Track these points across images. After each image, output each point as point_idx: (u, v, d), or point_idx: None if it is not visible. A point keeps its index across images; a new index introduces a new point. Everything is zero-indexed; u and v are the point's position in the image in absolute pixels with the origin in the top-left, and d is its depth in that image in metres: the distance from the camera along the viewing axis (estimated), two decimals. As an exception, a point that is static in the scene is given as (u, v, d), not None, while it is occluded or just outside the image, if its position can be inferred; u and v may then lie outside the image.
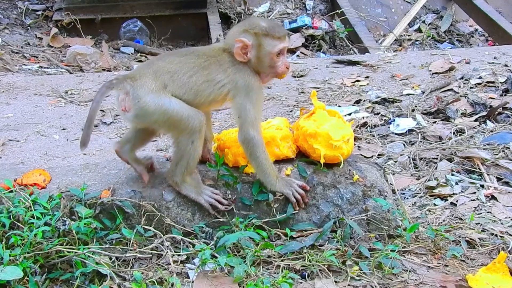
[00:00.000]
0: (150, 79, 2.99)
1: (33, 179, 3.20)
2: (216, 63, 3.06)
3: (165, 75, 3.01)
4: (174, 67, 3.03)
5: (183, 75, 3.02)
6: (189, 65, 3.04)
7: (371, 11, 10.41)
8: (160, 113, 2.97)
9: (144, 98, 2.96)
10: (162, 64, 3.06)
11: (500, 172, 4.00)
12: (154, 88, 2.97)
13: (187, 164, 3.05)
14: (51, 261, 2.82)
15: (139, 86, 2.98)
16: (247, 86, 3.03)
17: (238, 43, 3.02)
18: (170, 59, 3.09)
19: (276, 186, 3.11)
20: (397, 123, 4.86)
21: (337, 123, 3.23)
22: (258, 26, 3.05)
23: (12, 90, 6.23)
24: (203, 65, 3.04)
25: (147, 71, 3.04)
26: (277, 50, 3.05)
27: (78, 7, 9.61)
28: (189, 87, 3.01)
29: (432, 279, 2.92)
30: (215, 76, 3.03)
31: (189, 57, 3.08)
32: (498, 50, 6.81)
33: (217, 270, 2.84)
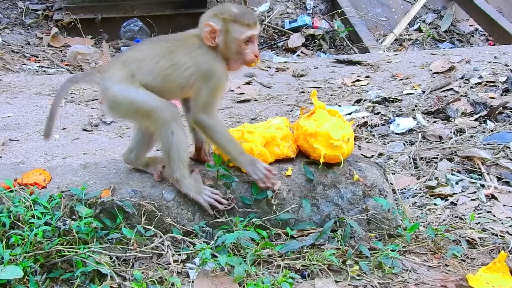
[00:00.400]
0: (117, 69, 3.00)
1: (34, 179, 3.20)
2: (183, 46, 3.04)
3: (132, 64, 3.00)
4: (142, 54, 3.03)
5: (150, 61, 3.01)
6: (156, 50, 3.03)
7: (372, 10, 10.41)
8: (127, 103, 2.97)
9: (111, 89, 2.97)
10: (130, 54, 3.07)
11: (500, 171, 4.00)
12: (121, 78, 2.97)
13: (178, 157, 3.03)
14: (52, 261, 2.82)
15: (107, 77, 2.99)
16: (210, 70, 3.01)
17: (207, 27, 3.00)
18: (139, 47, 3.10)
19: (240, 161, 3.09)
20: (397, 123, 4.86)
21: (338, 122, 3.23)
22: (228, 11, 3.03)
23: (12, 90, 6.23)
24: (170, 49, 3.03)
25: (116, 62, 3.06)
26: (245, 37, 3.02)
27: (78, 7, 9.61)
28: (157, 73, 3.00)
29: (432, 279, 2.92)
30: (180, 59, 3.01)
31: (157, 43, 3.08)
32: (498, 49, 6.81)
33: (217, 269, 2.84)
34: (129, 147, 3.28)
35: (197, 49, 3.04)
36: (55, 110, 3.04)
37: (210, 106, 3.02)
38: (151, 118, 2.98)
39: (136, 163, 3.26)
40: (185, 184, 3.09)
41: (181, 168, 3.06)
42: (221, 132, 3.06)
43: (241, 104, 5.67)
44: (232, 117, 5.31)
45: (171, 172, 3.08)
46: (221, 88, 3.06)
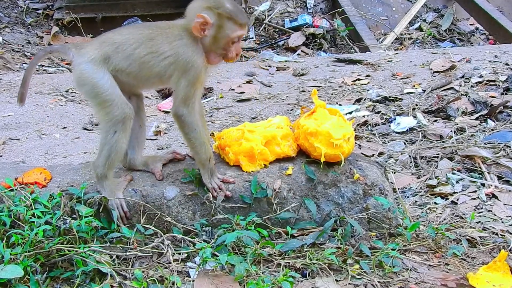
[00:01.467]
0: (93, 49, 2.99)
1: (34, 178, 3.20)
2: (164, 34, 3.01)
3: (110, 46, 2.99)
4: (122, 38, 3.00)
5: (128, 46, 2.98)
6: (136, 36, 3.00)
7: (372, 9, 10.40)
8: (90, 85, 2.96)
9: (81, 66, 2.97)
10: (110, 35, 3.05)
11: (501, 170, 3.99)
12: (94, 57, 2.96)
13: (108, 156, 3.01)
14: (52, 260, 2.82)
15: (81, 54, 2.98)
16: (189, 62, 2.97)
17: (199, 18, 2.95)
18: (121, 31, 3.08)
19: (202, 166, 3.09)
20: (398, 122, 4.86)
21: (338, 121, 3.23)
22: (223, 7, 2.97)
23: (12, 89, 6.23)
24: (150, 36, 3.00)
25: (95, 41, 3.04)
26: (236, 36, 3.00)
27: (79, 6, 9.61)
28: (133, 59, 2.98)
29: (433, 278, 2.92)
30: (159, 47, 2.98)
31: (139, 29, 3.06)
32: (499, 48, 6.81)
33: (217, 268, 2.84)
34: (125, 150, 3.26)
35: (178, 39, 2.99)
36: (28, 76, 3.04)
37: (190, 99, 2.98)
38: (104, 109, 2.96)
39: (134, 165, 3.26)
40: (101, 183, 3.06)
41: (106, 167, 3.03)
42: (197, 132, 3.04)
43: (242, 103, 5.67)
44: (232, 116, 5.31)
45: (97, 166, 3.05)
46: (200, 80, 3.02)
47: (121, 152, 3.04)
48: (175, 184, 3.17)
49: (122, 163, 3.27)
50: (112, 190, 3.06)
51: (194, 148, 3.07)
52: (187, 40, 2.99)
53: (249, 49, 9.19)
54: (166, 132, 4.99)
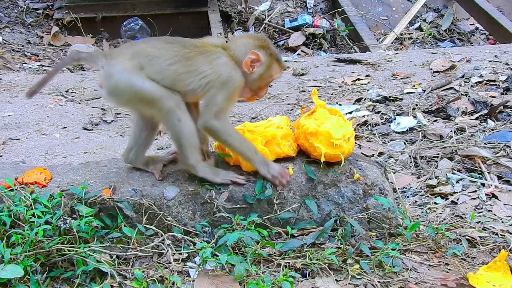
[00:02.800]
0: (125, 59, 2.98)
1: (34, 178, 3.20)
2: (203, 54, 3.04)
3: (144, 58, 2.99)
4: (156, 51, 3.01)
5: (163, 61, 2.99)
6: (172, 52, 3.02)
7: (372, 9, 10.41)
8: (131, 92, 2.96)
9: (116, 76, 2.95)
10: (143, 46, 3.05)
11: (501, 170, 3.99)
12: (128, 67, 2.95)
13: (189, 143, 3.03)
14: (52, 260, 2.82)
15: (113, 64, 2.97)
16: (230, 81, 3.02)
17: (253, 55, 3.06)
18: (154, 43, 3.08)
19: (254, 161, 3.10)
20: (398, 122, 4.86)
21: (338, 121, 3.22)
22: (273, 49, 3.13)
23: (13, 89, 6.23)
24: (188, 55, 3.02)
25: (126, 51, 3.03)
26: (276, 78, 3.16)
27: (79, 6, 9.62)
28: (167, 75, 2.99)
29: (433, 278, 2.92)
30: (198, 67, 3.01)
31: (174, 45, 3.06)
32: (499, 48, 6.80)
33: (217, 268, 2.84)
34: (128, 146, 3.28)
35: (219, 60, 3.05)
36: (49, 78, 3.06)
37: (223, 112, 3.03)
38: (155, 106, 2.97)
39: (135, 162, 3.27)
40: (200, 168, 3.10)
41: (194, 153, 3.06)
42: (233, 135, 3.07)
43: (242, 103, 5.67)
44: (232, 116, 5.31)
45: (185, 158, 3.08)
46: (236, 96, 3.10)
47: (195, 132, 3.04)
48: (175, 184, 3.17)
49: (124, 157, 3.29)
50: (212, 169, 3.13)
51: (236, 150, 3.11)
52: (226, 59, 3.06)
53: (249, 49, 9.17)
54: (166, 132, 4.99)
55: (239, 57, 3.07)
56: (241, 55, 3.07)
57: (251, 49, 3.07)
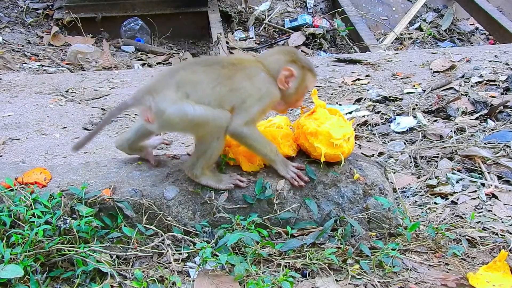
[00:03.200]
0: (171, 91, 2.98)
1: (34, 178, 3.20)
2: (243, 71, 3.09)
3: (188, 86, 3.01)
4: (197, 77, 3.04)
5: (206, 85, 3.02)
6: (212, 75, 3.05)
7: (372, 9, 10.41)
8: (185, 121, 2.98)
9: (168, 111, 2.95)
10: (184, 74, 3.06)
11: (501, 170, 3.99)
12: (177, 99, 2.97)
13: (209, 158, 3.09)
14: (52, 260, 2.82)
15: (161, 100, 2.97)
16: (268, 95, 3.09)
17: (286, 71, 3.11)
18: (194, 68, 3.09)
19: (275, 161, 3.15)
20: (398, 122, 4.86)
21: (338, 121, 3.22)
22: (304, 60, 3.18)
23: (12, 89, 6.23)
24: (228, 74, 3.06)
25: (170, 82, 3.03)
26: (311, 88, 3.21)
27: (79, 6, 9.62)
28: (213, 98, 3.01)
29: (433, 278, 2.92)
30: (239, 83, 3.06)
31: (213, 68, 3.08)
32: (499, 48, 6.80)
33: (217, 268, 2.84)
34: (126, 136, 3.33)
35: (258, 76, 3.10)
36: (99, 130, 3.16)
37: (254, 122, 3.08)
38: (207, 127, 3.00)
39: (128, 150, 3.33)
40: (204, 177, 3.14)
41: (204, 167, 3.11)
42: (258, 140, 3.09)
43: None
44: (232, 116, 5.31)
45: (192, 166, 3.12)
46: (269, 109, 3.17)
47: (221, 151, 3.14)
48: (175, 184, 3.17)
49: (117, 144, 3.35)
50: (215, 177, 3.16)
51: (259, 152, 3.14)
52: (265, 75, 3.12)
53: (249, 49, 9.19)
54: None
55: (273, 73, 3.13)
56: (275, 72, 3.13)
57: (283, 66, 3.12)
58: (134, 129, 3.32)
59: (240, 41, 9.43)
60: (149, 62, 8.66)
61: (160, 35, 9.63)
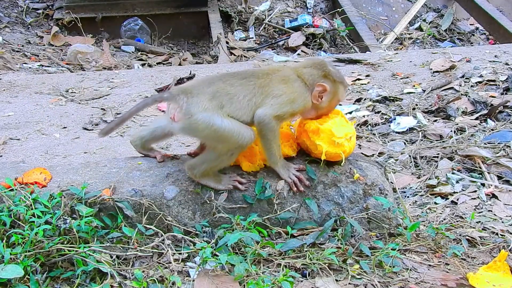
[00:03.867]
0: (206, 99, 3.02)
1: (34, 178, 3.20)
2: (277, 78, 3.14)
3: (224, 97, 3.05)
4: (234, 90, 3.08)
5: (243, 97, 3.06)
6: (248, 87, 3.10)
7: (372, 9, 10.41)
8: (210, 131, 3.00)
9: (196, 116, 2.98)
10: (222, 86, 3.09)
11: (501, 170, 3.99)
12: (209, 107, 3.00)
13: (214, 167, 3.13)
14: (52, 260, 2.82)
15: (194, 103, 3.00)
16: (300, 98, 3.12)
17: (319, 87, 3.15)
18: (232, 81, 3.12)
19: (277, 164, 3.16)
20: (398, 122, 4.86)
21: (340, 121, 3.23)
22: (336, 73, 3.21)
23: (13, 89, 6.23)
24: (263, 83, 3.11)
25: (206, 90, 3.07)
26: (344, 99, 3.26)
27: (79, 6, 9.62)
28: (249, 109, 3.07)
29: (433, 278, 2.92)
30: (274, 88, 3.10)
31: (249, 80, 3.13)
32: (499, 48, 6.80)
33: (217, 268, 2.84)
34: (142, 135, 3.37)
35: (294, 81, 3.15)
36: (127, 118, 3.19)
37: (281, 119, 3.12)
38: (228, 142, 3.03)
39: (140, 147, 3.37)
40: (204, 179, 3.16)
41: (205, 171, 3.13)
42: (276, 138, 3.12)
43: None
44: (232, 116, 5.31)
45: (194, 166, 3.13)
46: (298, 113, 3.19)
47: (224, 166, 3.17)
48: (175, 184, 3.17)
49: (132, 140, 3.39)
50: (215, 177, 3.16)
51: (270, 149, 3.14)
52: (301, 83, 3.16)
53: (249, 49, 9.19)
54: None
55: (308, 85, 3.17)
56: (309, 85, 3.17)
57: (317, 81, 3.16)
58: (151, 129, 3.35)
59: (240, 41, 9.43)
60: (149, 62, 8.66)
61: (160, 35, 9.63)
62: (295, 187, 3.17)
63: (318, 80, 3.16)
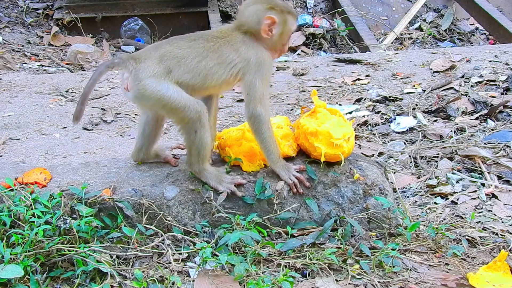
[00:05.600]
0: (154, 63, 2.99)
1: (34, 178, 3.20)
2: (227, 44, 3.07)
3: (171, 60, 3.01)
4: (182, 52, 3.03)
5: (191, 60, 3.02)
6: (198, 49, 3.04)
7: (372, 9, 10.41)
8: (156, 98, 2.97)
9: (144, 81, 2.96)
10: (169, 49, 3.05)
11: (501, 170, 3.99)
12: (156, 72, 2.97)
13: (198, 154, 3.08)
14: (52, 260, 2.82)
15: (142, 69, 2.98)
16: (260, 62, 3.06)
17: (267, 20, 3.07)
18: (179, 43, 3.08)
19: (277, 165, 3.15)
20: (398, 122, 4.86)
21: (338, 121, 3.22)
22: (281, 4, 3.13)
23: (13, 89, 6.23)
24: (213, 48, 3.05)
25: (153, 54, 3.03)
26: (295, 28, 3.17)
27: (79, 6, 9.62)
28: (197, 72, 3.02)
29: (433, 278, 2.92)
30: (226, 57, 3.04)
31: (198, 42, 3.08)
32: (499, 48, 6.80)
33: (217, 268, 2.84)
34: (137, 147, 3.32)
35: (242, 44, 3.08)
36: (88, 93, 3.10)
37: (266, 96, 3.08)
38: (177, 115, 3.00)
39: (147, 159, 3.33)
40: (204, 174, 3.14)
41: (200, 163, 3.10)
42: (270, 129, 3.10)
43: (242, 103, 5.66)
44: (232, 116, 5.32)
45: (191, 163, 3.13)
46: (271, 77, 3.14)
47: (209, 145, 3.09)
48: (175, 184, 3.17)
49: (134, 157, 3.33)
50: (217, 175, 3.14)
51: (267, 148, 3.12)
52: (250, 42, 3.10)
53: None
54: (166, 131, 4.99)
55: (255, 27, 3.10)
56: (255, 24, 3.09)
57: (263, 15, 3.08)
58: (140, 133, 3.30)
59: (240, 41, 9.43)
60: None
61: (160, 35, 9.62)
62: (295, 188, 3.17)
63: (264, 14, 3.07)
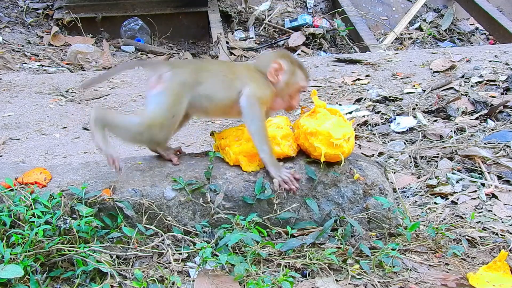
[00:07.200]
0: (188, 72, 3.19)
1: (34, 178, 3.20)
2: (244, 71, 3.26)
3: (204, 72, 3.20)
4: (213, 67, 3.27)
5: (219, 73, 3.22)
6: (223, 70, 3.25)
7: (372, 9, 10.41)
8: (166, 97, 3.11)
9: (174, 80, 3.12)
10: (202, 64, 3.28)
11: (501, 170, 3.99)
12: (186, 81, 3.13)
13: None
14: (52, 260, 2.82)
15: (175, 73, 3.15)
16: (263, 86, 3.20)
17: (275, 64, 3.23)
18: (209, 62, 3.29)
19: (269, 160, 3.16)
20: (398, 122, 4.86)
21: (338, 121, 3.22)
22: (295, 58, 3.36)
23: (13, 89, 6.23)
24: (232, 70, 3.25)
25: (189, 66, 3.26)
26: (303, 85, 3.30)
27: (79, 6, 9.63)
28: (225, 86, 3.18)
29: (433, 278, 2.92)
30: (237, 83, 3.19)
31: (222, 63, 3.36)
32: (499, 48, 6.81)
33: (217, 268, 2.84)
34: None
35: (254, 73, 3.26)
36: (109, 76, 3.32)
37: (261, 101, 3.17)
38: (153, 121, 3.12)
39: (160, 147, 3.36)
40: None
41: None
42: (262, 120, 3.16)
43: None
44: (232, 116, 5.31)
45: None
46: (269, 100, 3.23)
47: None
48: (175, 184, 3.17)
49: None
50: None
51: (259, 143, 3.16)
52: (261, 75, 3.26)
53: (249, 49, 9.20)
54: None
55: (264, 69, 3.26)
56: (265, 67, 3.25)
57: (272, 60, 3.25)
58: None
59: (240, 41, 9.43)
60: (149, 62, 8.66)
61: (160, 35, 9.63)
62: (286, 185, 3.16)
63: (274, 59, 3.26)
